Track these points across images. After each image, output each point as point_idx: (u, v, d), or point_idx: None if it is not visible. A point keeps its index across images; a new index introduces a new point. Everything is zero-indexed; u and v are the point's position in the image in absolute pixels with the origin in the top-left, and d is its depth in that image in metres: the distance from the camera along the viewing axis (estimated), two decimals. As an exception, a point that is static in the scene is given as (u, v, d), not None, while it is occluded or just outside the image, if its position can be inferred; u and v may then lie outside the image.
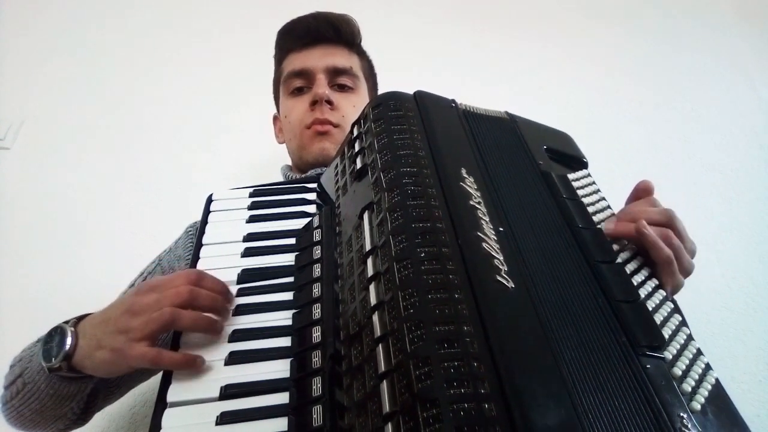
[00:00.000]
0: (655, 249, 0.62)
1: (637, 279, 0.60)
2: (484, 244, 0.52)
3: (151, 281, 0.64)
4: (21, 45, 1.70)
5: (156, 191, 1.39)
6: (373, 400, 0.47)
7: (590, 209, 0.68)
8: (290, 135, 1.05)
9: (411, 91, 0.71)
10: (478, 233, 0.53)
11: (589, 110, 1.56)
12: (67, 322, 0.66)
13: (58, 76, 1.63)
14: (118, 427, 1.04)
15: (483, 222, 0.55)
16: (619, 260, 0.62)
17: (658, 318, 0.56)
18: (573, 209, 0.65)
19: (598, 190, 0.74)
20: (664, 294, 0.60)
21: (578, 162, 0.79)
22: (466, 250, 0.52)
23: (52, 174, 1.44)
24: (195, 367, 0.58)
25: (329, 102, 0.98)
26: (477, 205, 0.56)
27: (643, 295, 0.58)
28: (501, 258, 0.52)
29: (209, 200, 0.78)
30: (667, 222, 0.65)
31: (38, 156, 1.47)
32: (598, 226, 0.65)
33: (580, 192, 0.70)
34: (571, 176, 0.72)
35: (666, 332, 0.54)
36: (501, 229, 0.55)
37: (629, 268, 0.62)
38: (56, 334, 0.65)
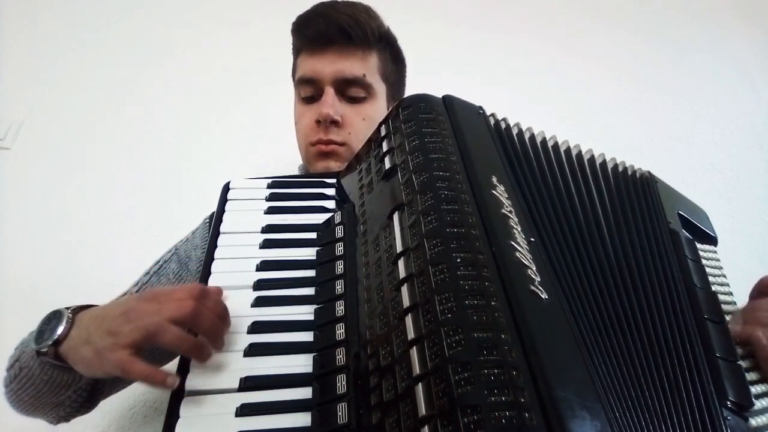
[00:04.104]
0: (759, 348, 0.62)
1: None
2: (517, 254, 0.53)
3: (156, 290, 0.63)
4: (21, 45, 1.66)
5: (156, 191, 1.38)
6: (406, 401, 0.47)
7: (710, 279, 0.69)
8: (299, 143, 1.02)
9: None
10: (511, 242, 0.54)
11: (589, 110, 1.57)
12: (68, 308, 0.64)
13: (58, 75, 1.59)
14: (118, 427, 1.03)
15: (515, 231, 0.56)
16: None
17: (752, 390, 0.57)
18: (692, 268, 0.68)
19: (722, 268, 0.75)
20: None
21: (708, 238, 0.81)
22: (500, 258, 0.52)
23: (52, 174, 1.41)
24: (165, 387, 0.55)
25: (334, 122, 0.93)
26: (509, 214, 0.57)
27: (744, 366, 0.59)
28: (534, 268, 0.53)
29: (226, 188, 0.77)
30: None
31: (38, 156, 1.45)
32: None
33: (703, 261, 0.71)
34: (698, 245, 0.74)
35: (758, 404, 0.56)
36: (532, 239, 0.56)
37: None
38: (54, 317, 0.63)
